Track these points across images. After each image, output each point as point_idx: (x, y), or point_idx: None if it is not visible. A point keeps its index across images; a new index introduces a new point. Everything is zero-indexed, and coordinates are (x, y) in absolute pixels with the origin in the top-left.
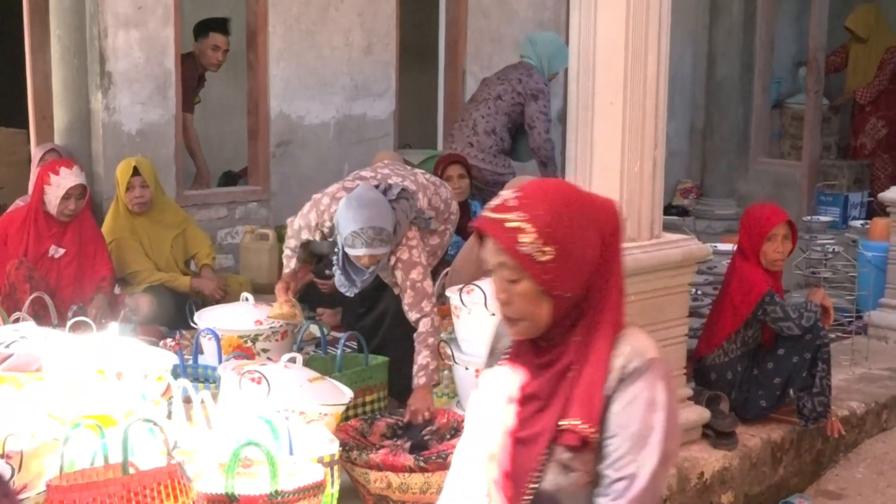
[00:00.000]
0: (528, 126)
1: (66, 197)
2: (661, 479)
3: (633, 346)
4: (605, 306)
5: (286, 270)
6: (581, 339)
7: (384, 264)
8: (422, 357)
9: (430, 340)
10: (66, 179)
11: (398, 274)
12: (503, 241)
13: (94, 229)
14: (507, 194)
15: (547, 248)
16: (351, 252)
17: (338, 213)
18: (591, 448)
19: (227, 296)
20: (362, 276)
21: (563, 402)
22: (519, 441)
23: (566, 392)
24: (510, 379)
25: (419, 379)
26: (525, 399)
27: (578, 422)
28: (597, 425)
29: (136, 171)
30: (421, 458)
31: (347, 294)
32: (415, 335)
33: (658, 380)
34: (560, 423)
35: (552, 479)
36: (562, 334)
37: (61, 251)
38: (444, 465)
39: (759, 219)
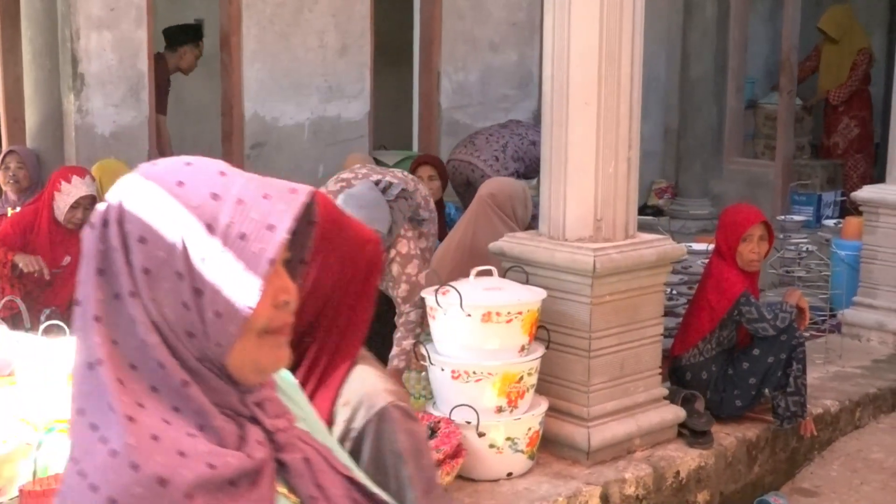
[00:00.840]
0: None
1: (76, 206)
2: None
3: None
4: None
5: None
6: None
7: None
8: (406, 342)
9: (418, 330)
10: (77, 188)
11: (395, 268)
12: None
13: None
14: None
15: None
16: None
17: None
18: None
19: None
20: None
21: None
22: None
23: None
24: None
25: (399, 362)
26: None
27: None
28: None
29: None
30: None
31: None
32: (402, 321)
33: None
34: None
35: None
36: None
37: (68, 259)
38: None
39: (736, 219)
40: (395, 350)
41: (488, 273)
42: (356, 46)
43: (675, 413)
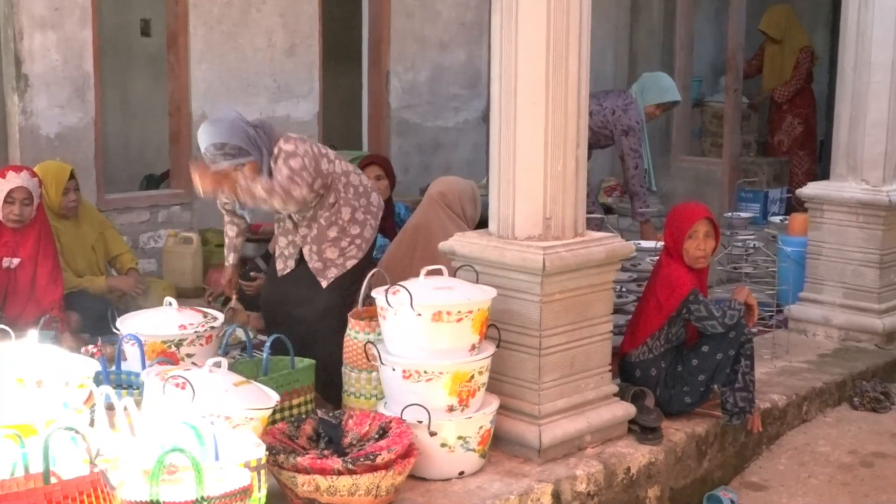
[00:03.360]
0: (620, 158)
1: (10, 201)
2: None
3: None
4: None
5: (229, 263)
6: None
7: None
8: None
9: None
10: (9, 182)
11: (279, 164)
12: None
13: (53, 246)
14: None
15: None
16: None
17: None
18: None
19: (146, 292)
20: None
21: None
22: None
23: None
24: None
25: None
26: None
27: None
28: None
29: (70, 175)
30: (349, 461)
31: (245, 213)
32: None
33: None
34: None
35: None
36: None
37: (16, 261)
38: (372, 467)
39: (681, 217)
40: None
41: (438, 272)
42: (305, 46)
43: (626, 410)
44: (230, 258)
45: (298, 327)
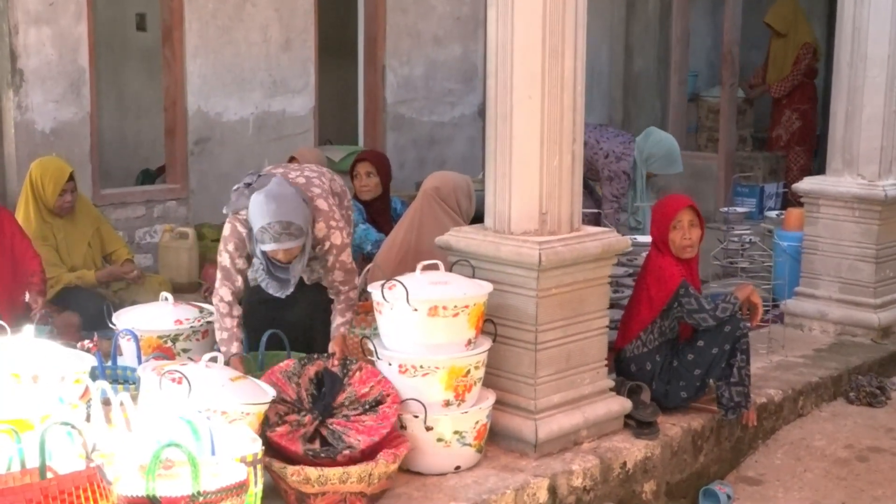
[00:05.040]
0: (599, 199)
1: None
2: None
3: None
4: None
5: (233, 350)
6: None
7: (317, 253)
8: (349, 315)
9: (354, 305)
10: None
11: (330, 258)
12: None
13: (15, 225)
14: None
15: None
16: (263, 248)
17: (249, 208)
18: None
19: (142, 279)
20: (287, 273)
21: None
22: None
23: None
24: None
25: (345, 329)
26: None
27: None
28: None
29: (69, 177)
30: (310, 451)
31: (280, 295)
32: (342, 298)
33: None
34: None
35: None
36: None
37: None
38: (334, 462)
39: (663, 208)
40: (339, 320)
41: (434, 267)
42: (300, 41)
43: (621, 404)
44: (234, 346)
45: (291, 332)
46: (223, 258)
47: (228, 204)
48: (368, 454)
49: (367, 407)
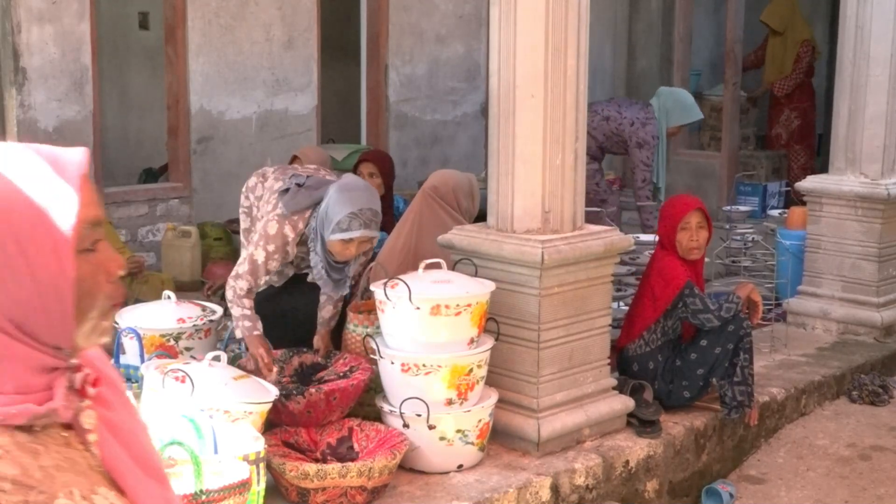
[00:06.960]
0: (630, 169)
1: None
2: None
3: None
4: None
5: (257, 330)
6: None
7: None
8: (330, 307)
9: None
10: None
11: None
12: None
13: None
14: None
15: None
16: (344, 236)
17: (329, 201)
18: None
19: (142, 272)
20: (341, 273)
21: None
22: None
23: None
24: None
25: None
26: None
27: None
28: None
29: None
30: (283, 390)
31: (335, 294)
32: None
33: None
34: None
35: None
36: None
37: None
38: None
39: (672, 208)
40: (325, 316)
41: (437, 266)
42: (302, 39)
43: (624, 403)
44: (258, 325)
45: (298, 329)
46: (258, 254)
47: (284, 203)
48: (335, 406)
49: (341, 376)
